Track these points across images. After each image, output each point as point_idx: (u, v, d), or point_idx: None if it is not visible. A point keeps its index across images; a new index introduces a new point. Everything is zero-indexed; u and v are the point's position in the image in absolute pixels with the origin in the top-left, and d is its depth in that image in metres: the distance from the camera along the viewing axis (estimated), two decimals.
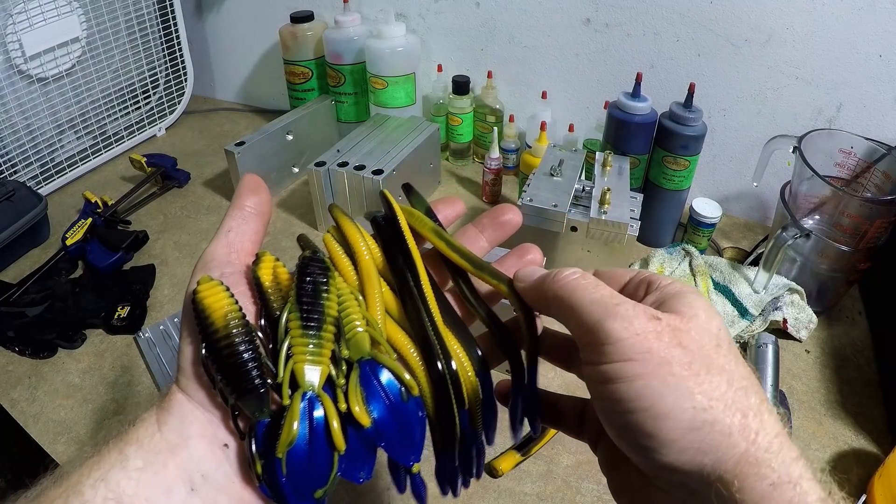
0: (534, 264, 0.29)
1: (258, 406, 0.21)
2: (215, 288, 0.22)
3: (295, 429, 0.21)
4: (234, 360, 0.21)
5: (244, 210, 0.27)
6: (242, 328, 0.22)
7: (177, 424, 0.22)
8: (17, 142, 0.95)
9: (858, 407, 0.64)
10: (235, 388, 0.21)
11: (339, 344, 0.23)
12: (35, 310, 0.74)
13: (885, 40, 0.74)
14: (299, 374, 0.21)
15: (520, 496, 0.55)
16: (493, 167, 0.94)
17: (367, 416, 0.22)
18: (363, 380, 0.23)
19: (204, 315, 0.22)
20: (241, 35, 1.26)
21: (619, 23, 0.89)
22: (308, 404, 0.21)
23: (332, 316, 0.23)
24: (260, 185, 0.28)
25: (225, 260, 0.25)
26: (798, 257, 0.73)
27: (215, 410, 0.22)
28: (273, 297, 0.23)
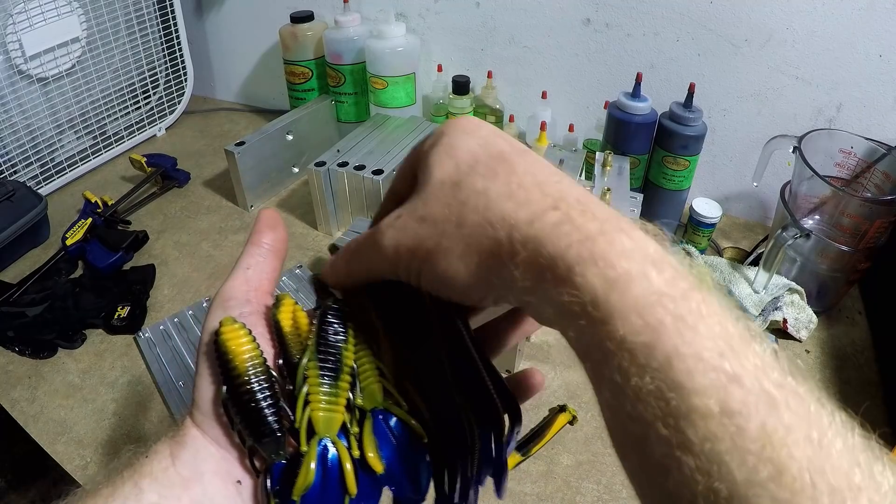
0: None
1: (275, 449, 0.22)
2: (238, 332, 0.23)
3: (311, 474, 0.22)
4: (253, 405, 0.22)
5: (262, 247, 0.26)
6: (263, 374, 0.23)
7: (190, 459, 0.22)
8: (17, 142, 0.95)
9: (858, 407, 0.63)
10: (253, 432, 0.22)
11: (353, 393, 0.24)
12: (35, 310, 0.74)
13: (885, 40, 0.74)
14: (316, 421, 0.23)
15: (520, 496, 0.55)
16: None
17: (380, 464, 0.23)
18: (376, 428, 0.24)
19: (226, 358, 0.23)
20: (241, 35, 1.26)
21: (619, 23, 0.89)
22: (324, 451, 0.23)
23: (348, 366, 0.24)
24: (277, 221, 0.28)
25: (244, 298, 0.25)
26: (798, 257, 0.73)
27: (230, 449, 0.23)
28: (292, 341, 0.24)
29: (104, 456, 0.59)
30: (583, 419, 0.62)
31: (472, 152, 0.22)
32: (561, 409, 0.62)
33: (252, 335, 0.23)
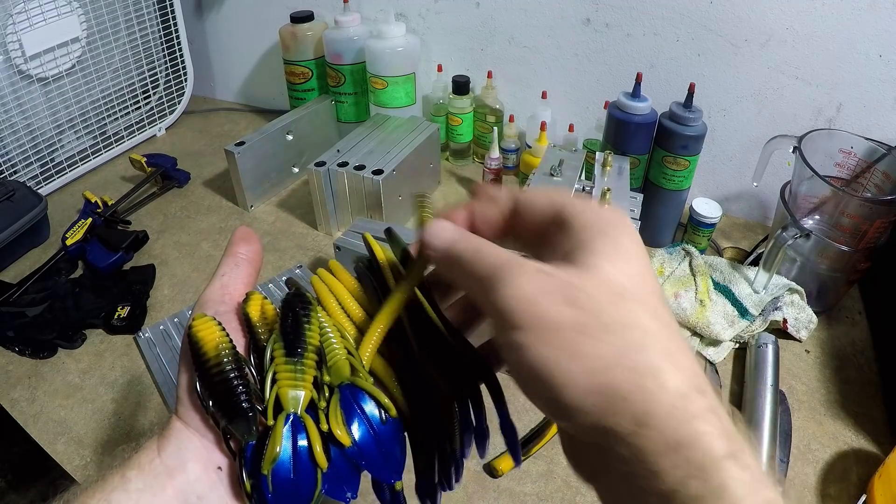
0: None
1: (247, 428, 0.23)
2: (208, 322, 0.24)
3: (278, 447, 0.22)
4: (224, 385, 0.23)
5: (237, 257, 0.29)
6: (232, 357, 0.24)
7: (175, 450, 0.23)
8: (17, 142, 0.95)
9: (858, 407, 0.64)
10: (226, 413, 0.23)
11: (321, 371, 0.25)
12: (35, 310, 0.74)
13: (885, 40, 0.74)
14: (283, 397, 0.23)
15: (520, 496, 0.55)
16: (493, 167, 0.94)
17: (347, 436, 0.23)
18: (343, 402, 0.24)
19: (198, 346, 0.24)
20: (241, 35, 1.26)
21: (619, 23, 0.89)
22: (292, 426, 0.23)
23: (313, 345, 0.25)
24: (251, 235, 0.30)
25: (219, 300, 0.27)
26: (798, 257, 0.73)
27: (210, 435, 0.24)
28: (261, 329, 0.26)
29: (104, 456, 0.59)
30: None
31: (640, 272, 0.20)
32: None
33: (222, 326, 0.25)
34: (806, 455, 0.59)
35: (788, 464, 0.58)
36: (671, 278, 0.77)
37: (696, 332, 0.71)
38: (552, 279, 0.19)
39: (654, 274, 0.22)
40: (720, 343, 0.70)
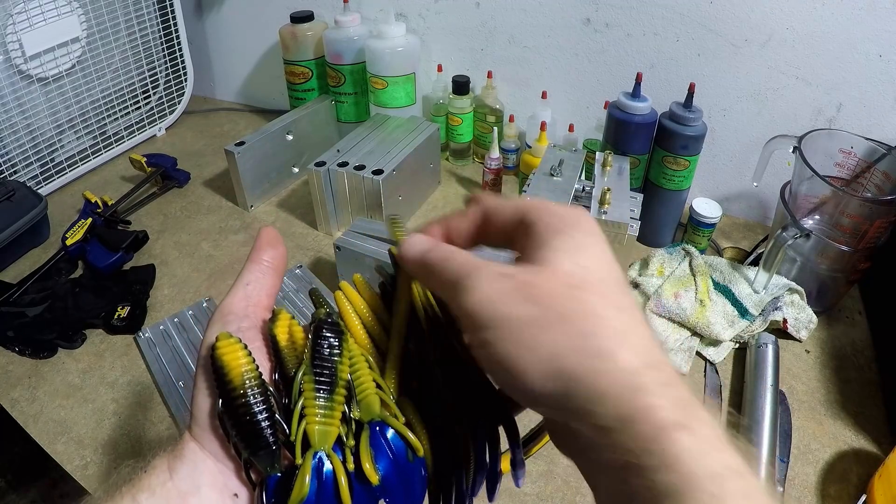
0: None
1: (270, 462, 0.22)
2: (234, 346, 0.23)
3: (306, 487, 0.22)
4: (249, 418, 0.22)
5: (262, 264, 0.27)
6: (259, 388, 0.23)
7: (188, 473, 0.22)
8: (17, 142, 0.95)
9: (858, 407, 0.64)
10: (249, 445, 0.22)
11: (349, 406, 0.24)
12: (35, 310, 0.74)
13: (885, 40, 0.74)
14: (311, 434, 0.23)
15: (520, 496, 0.55)
16: (493, 167, 0.94)
17: (375, 474, 0.23)
18: (373, 440, 0.24)
19: (222, 372, 0.23)
20: (241, 35, 1.26)
21: (619, 23, 0.89)
22: (319, 464, 0.23)
23: (343, 379, 0.24)
24: (277, 238, 0.28)
25: (242, 314, 0.25)
26: (798, 257, 0.73)
27: (227, 462, 0.23)
28: (288, 355, 0.25)
29: (104, 456, 0.59)
30: None
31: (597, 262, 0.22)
32: None
33: (248, 349, 0.24)
34: (806, 455, 0.59)
35: (788, 464, 0.58)
36: (671, 278, 0.77)
37: (696, 332, 0.71)
38: (511, 280, 0.21)
39: (613, 263, 0.23)
40: (720, 343, 0.70)
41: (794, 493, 0.55)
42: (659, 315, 0.73)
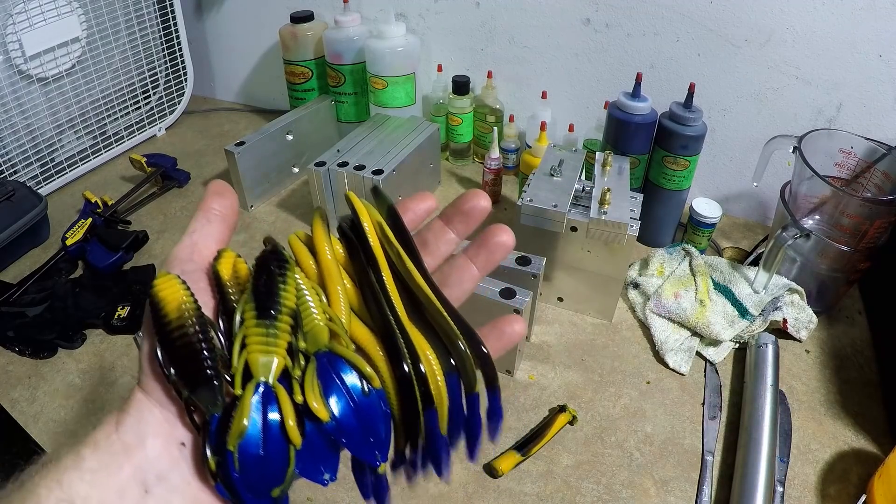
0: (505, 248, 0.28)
1: (212, 399, 0.20)
2: (171, 281, 0.22)
3: (246, 419, 0.20)
4: (186, 350, 0.20)
5: (210, 212, 0.27)
6: (196, 319, 0.21)
7: (134, 424, 0.21)
8: (17, 142, 0.95)
9: (858, 407, 0.64)
10: (189, 381, 0.20)
11: (296, 336, 0.22)
12: (35, 310, 0.74)
13: (885, 40, 0.74)
14: (253, 363, 0.21)
15: (520, 496, 0.55)
16: (493, 167, 0.94)
17: (325, 409, 0.21)
18: (321, 372, 0.22)
19: (158, 307, 0.21)
20: (241, 35, 1.26)
21: (619, 23, 0.89)
22: (263, 397, 0.21)
23: (288, 307, 0.22)
24: (226, 189, 0.28)
25: (187, 258, 0.25)
26: (798, 257, 0.73)
27: (172, 406, 0.22)
28: (232, 290, 0.23)
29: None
30: (583, 419, 0.62)
31: None
32: (561, 409, 0.62)
33: (186, 285, 0.22)
34: (806, 455, 0.59)
35: (788, 464, 0.58)
36: (671, 278, 0.77)
37: (696, 332, 0.71)
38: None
39: None
40: (720, 343, 0.70)
41: (794, 493, 0.55)
42: (659, 315, 0.73)
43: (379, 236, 0.26)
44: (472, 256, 0.29)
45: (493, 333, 0.27)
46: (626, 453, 0.59)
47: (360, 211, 0.26)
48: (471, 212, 0.28)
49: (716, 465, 0.58)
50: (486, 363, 0.24)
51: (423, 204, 0.29)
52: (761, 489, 0.52)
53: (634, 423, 0.62)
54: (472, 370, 0.23)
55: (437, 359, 0.23)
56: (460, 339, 0.23)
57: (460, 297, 0.28)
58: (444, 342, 0.24)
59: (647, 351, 0.71)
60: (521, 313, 0.61)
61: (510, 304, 0.61)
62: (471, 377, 0.23)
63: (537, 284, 0.65)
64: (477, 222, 0.28)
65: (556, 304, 0.77)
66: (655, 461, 0.59)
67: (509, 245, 0.28)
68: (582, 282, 0.73)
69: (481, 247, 0.28)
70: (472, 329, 0.24)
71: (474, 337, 0.24)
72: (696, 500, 0.55)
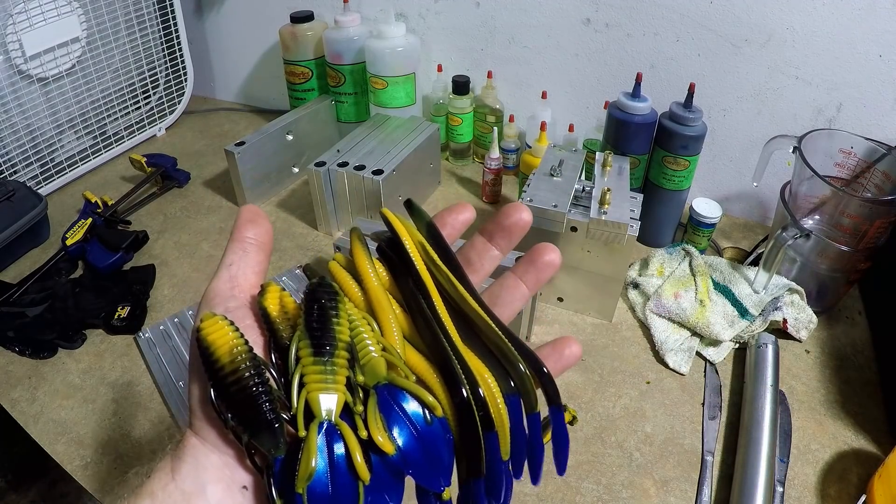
0: (553, 268, 0.28)
1: (273, 442, 0.20)
2: (218, 323, 0.21)
3: (313, 461, 0.20)
4: (243, 395, 0.20)
5: (244, 242, 0.26)
6: (250, 361, 0.21)
7: (191, 471, 0.21)
8: (17, 142, 0.95)
9: (858, 407, 0.64)
10: (248, 426, 0.20)
11: (353, 370, 0.22)
12: (35, 310, 0.74)
13: (885, 40, 0.74)
14: (314, 402, 0.21)
15: (520, 496, 0.55)
16: (493, 167, 0.94)
17: (390, 443, 0.21)
18: (382, 405, 0.22)
19: (209, 352, 0.21)
20: (241, 35, 1.26)
21: (619, 23, 0.89)
22: (326, 434, 0.20)
23: (344, 341, 0.22)
24: (259, 215, 0.27)
25: (228, 295, 0.24)
26: (798, 257, 0.73)
27: (230, 451, 0.21)
28: (281, 326, 0.23)
29: (104, 456, 0.59)
30: (583, 419, 0.62)
31: None
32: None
33: (234, 325, 0.22)
34: (806, 455, 0.59)
35: (788, 464, 0.58)
36: (671, 278, 0.77)
37: (696, 332, 0.71)
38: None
39: None
40: (720, 343, 0.70)
41: (794, 493, 0.55)
42: (659, 315, 0.73)
43: (423, 258, 0.26)
44: (522, 275, 0.28)
45: (552, 355, 0.26)
46: (626, 453, 0.59)
47: (401, 231, 0.26)
48: (513, 227, 0.28)
49: (716, 465, 0.58)
50: (548, 381, 0.23)
51: (462, 216, 0.28)
52: (761, 489, 0.52)
53: (634, 423, 0.62)
54: (533, 390, 0.23)
55: (495, 381, 0.23)
56: (518, 360, 0.23)
57: (510, 317, 0.28)
58: (501, 363, 0.23)
59: (647, 351, 0.71)
60: (521, 313, 0.61)
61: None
62: (532, 397, 0.23)
63: None
64: (519, 237, 0.28)
65: (556, 304, 0.77)
66: (655, 461, 0.59)
67: (557, 265, 0.28)
68: (582, 282, 0.73)
69: (530, 265, 0.28)
70: (529, 349, 0.24)
71: (533, 357, 0.24)
72: (696, 500, 0.55)
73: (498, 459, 0.22)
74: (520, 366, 0.23)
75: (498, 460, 0.22)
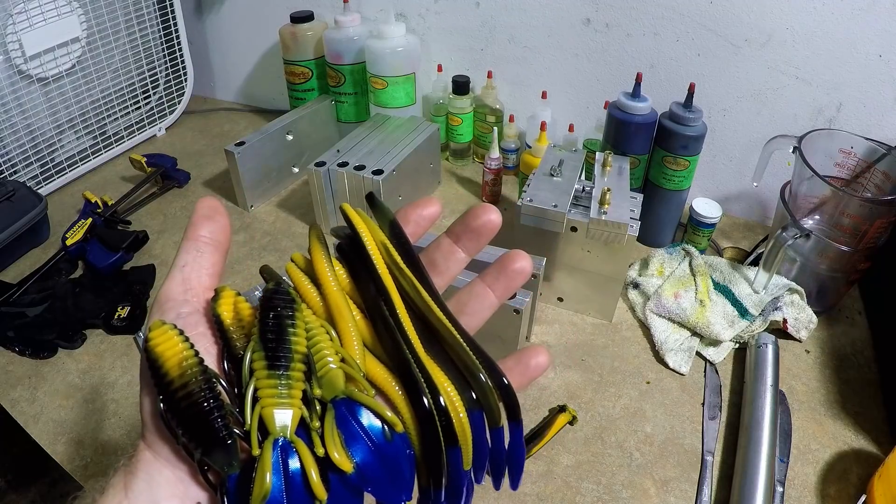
0: (524, 275, 0.27)
1: (226, 459, 0.19)
2: (167, 333, 0.20)
3: (268, 480, 0.19)
4: (194, 410, 0.19)
5: (199, 241, 0.24)
6: (201, 375, 0.20)
7: (145, 488, 0.20)
8: (17, 142, 0.95)
9: (858, 407, 0.64)
10: (200, 443, 0.19)
11: (310, 383, 0.21)
12: (35, 310, 0.74)
13: (885, 40, 0.74)
14: (268, 418, 0.20)
15: (520, 496, 0.55)
16: (493, 167, 0.94)
17: (348, 460, 0.20)
18: (340, 421, 0.21)
19: (157, 364, 0.20)
20: (241, 35, 1.26)
21: (619, 23, 0.89)
22: (281, 452, 0.20)
23: (300, 353, 0.21)
24: (216, 210, 0.25)
25: (181, 299, 0.23)
26: (798, 257, 0.73)
27: (183, 466, 0.20)
28: (235, 335, 0.22)
29: (104, 456, 0.59)
30: (583, 419, 0.62)
31: None
32: (561, 409, 0.62)
33: (184, 335, 0.21)
34: (806, 455, 0.59)
35: (788, 464, 0.58)
36: (671, 278, 0.77)
37: (696, 332, 0.71)
38: None
39: None
40: (720, 343, 0.70)
41: (794, 493, 0.55)
42: (659, 315, 0.73)
43: (385, 260, 0.25)
44: (492, 283, 0.27)
45: (517, 367, 0.26)
46: (625, 453, 0.59)
47: (362, 230, 0.25)
48: (482, 229, 0.26)
49: (716, 465, 0.58)
50: (509, 395, 0.23)
51: (426, 211, 0.27)
52: (761, 489, 0.52)
53: (634, 423, 0.62)
54: (496, 404, 0.23)
55: (458, 394, 0.22)
56: (481, 372, 0.23)
57: (476, 327, 0.27)
58: (463, 375, 0.23)
59: (647, 351, 0.71)
60: (521, 313, 0.61)
61: (510, 304, 0.61)
62: (494, 412, 0.23)
63: (537, 284, 0.65)
64: (488, 239, 0.26)
65: (556, 305, 0.77)
66: (655, 461, 0.59)
67: (528, 272, 0.27)
68: (582, 282, 0.73)
69: (500, 273, 0.27)
70: (492, 360, 0.23)
71: (495, 369, 0.23)
72: (696, 501, 0.55)
73: (460, 470, 0.22)
74: (481, 377, 0.22)
75: (460, 471, 0.22)
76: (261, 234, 0.92)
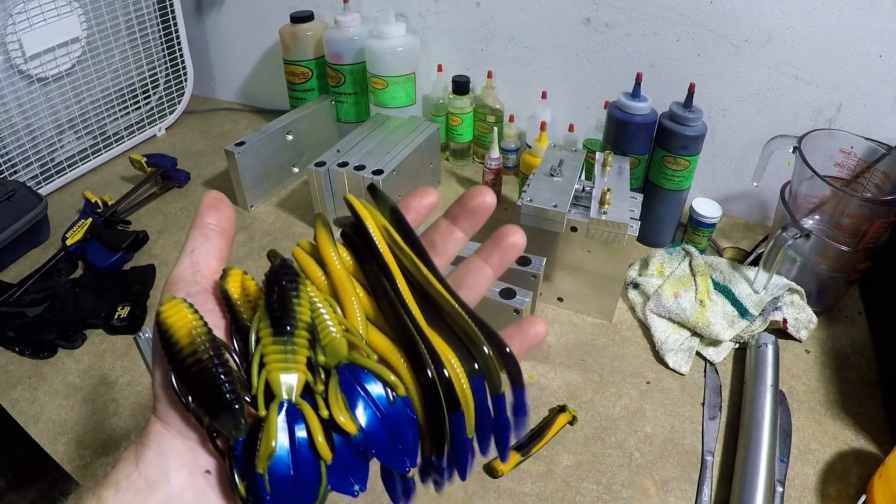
0: (517, 249, 0.28)
1: (234, 424, 0.20)
2: (178, 306, 0.21)
3: (273, 440, 0.19)
4: (203, 376, 0.20)
5: (206, 228, 0.26)
6: (209, 343, 0.21)
7: (155, 458, 0.20)
8: (17, 142, 0.95)
9: (858, 407, 0.64)
10: (208, 408, 0.20)
11: (314, 350, 0.22)
12: (35, 310, 0.74)
13: (885, 40, 0.74)
14: (274, 382, 0.20)
15: (520, 496, 0.55)
16: (493, 167, 0.94)
17: (352, 422, 0.21)
18: (343, 385, 0.22)
19: (168, 334, 0.21)
20: (241, 35, 1.26)
21: (619, 23, 0.89)
22: (287, 414, 0.20)
23: (304, 321, 0.22)
24: (221, 201, 0.27)
25: (190, 280, 0.24)
26: (798, 257, 0.73)
27: (193, 435, 0.21)
28: (242, 308, 0.23)
29: (104, 456, 0.59)
30: (583, 419, 0.62)
31: None
32: (561, 409, 0.62)
33: (194, 308, 0.22)
34: (806, 455, 0.59)
35: (788, 464, 0.58)
36: (671, 278, 0.77)
37: (696, 332, 0.71)
38: None
39: None
40: (720, 343, 0.70)
41: (794, 494, 0.55)
42: (659, 315, 0.73)
43: (387, 241, 0.26)
44: (486, 258, 0.28)
45: (517, 335, 0.26)
46: (626, 453, 0.59)
47: (364, 215, 0.26)
48: (477, 209, 0.28)
49: (716, 465, 0.58)
50: (511, 362, 0.23)
51: (425, 200, 0.28)
52: (761, 489, 0.52)
53: (634, 423, 0.62)
54: (497, 371, 0.23)
55: (459, 362, 0.23)
56: (482, 341, 0.23)
57: (475, 300, 0.28)
58: (465, 345, 0.24)
59: (647, 351, 0.71)
60: (521, 313, 0.61)
61: (510, 304, 0.61)
62: (495, 378, 0.23)
63: (537, 284, 0.65)
64: (483, 220, 0.28)
65: (556, 304, 0.77)
66: (655, 461, 0.59)
67: (521, 246, 0.28)
68: (582, 282, 0.73)
69: (495, 248, 0.28)
70: (493, 330, 0.24)
71: (496, 338, 0.24)
72: (696, 500, 0.55)
73: (463, 436, 0.22)
74: (483, 347, 0.23)
75: (463, 437, 0.22)
76: (261, 234, 0.92)
